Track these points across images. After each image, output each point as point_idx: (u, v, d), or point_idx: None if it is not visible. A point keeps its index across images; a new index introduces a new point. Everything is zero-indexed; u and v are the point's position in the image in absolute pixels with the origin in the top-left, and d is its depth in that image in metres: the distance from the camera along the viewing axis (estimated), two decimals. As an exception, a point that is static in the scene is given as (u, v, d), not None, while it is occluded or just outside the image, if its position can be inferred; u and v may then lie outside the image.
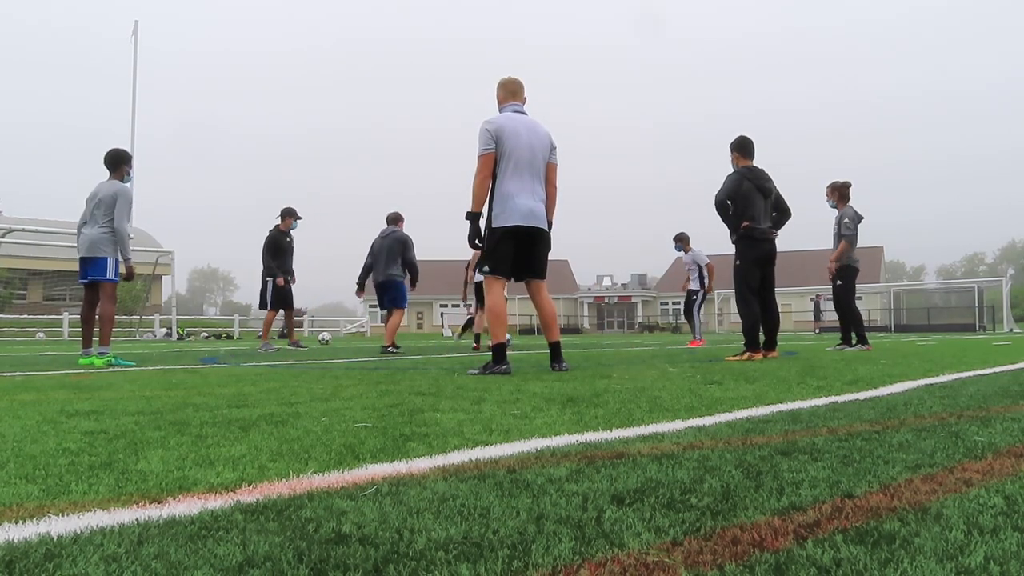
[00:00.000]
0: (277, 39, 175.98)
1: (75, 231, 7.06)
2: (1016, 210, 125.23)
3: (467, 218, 4.99)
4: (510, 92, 5.18)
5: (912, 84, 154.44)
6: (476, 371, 4.88)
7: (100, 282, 6.80)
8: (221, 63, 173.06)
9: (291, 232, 10.96)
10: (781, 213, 6.97)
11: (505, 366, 4.80)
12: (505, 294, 5.28)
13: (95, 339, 6.93)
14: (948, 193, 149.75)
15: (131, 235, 6.93)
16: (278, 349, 10.67)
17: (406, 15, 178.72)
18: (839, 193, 9.02)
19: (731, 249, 6.87)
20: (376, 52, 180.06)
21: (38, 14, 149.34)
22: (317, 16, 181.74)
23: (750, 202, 6.59)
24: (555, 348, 5.26)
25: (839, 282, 8.96)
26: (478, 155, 4.92)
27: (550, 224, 5.17)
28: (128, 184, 7.02)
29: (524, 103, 5.20)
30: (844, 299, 8.97)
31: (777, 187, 6.92)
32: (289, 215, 10.84)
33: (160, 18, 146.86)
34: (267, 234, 10.85)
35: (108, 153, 6.88)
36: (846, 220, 8.84)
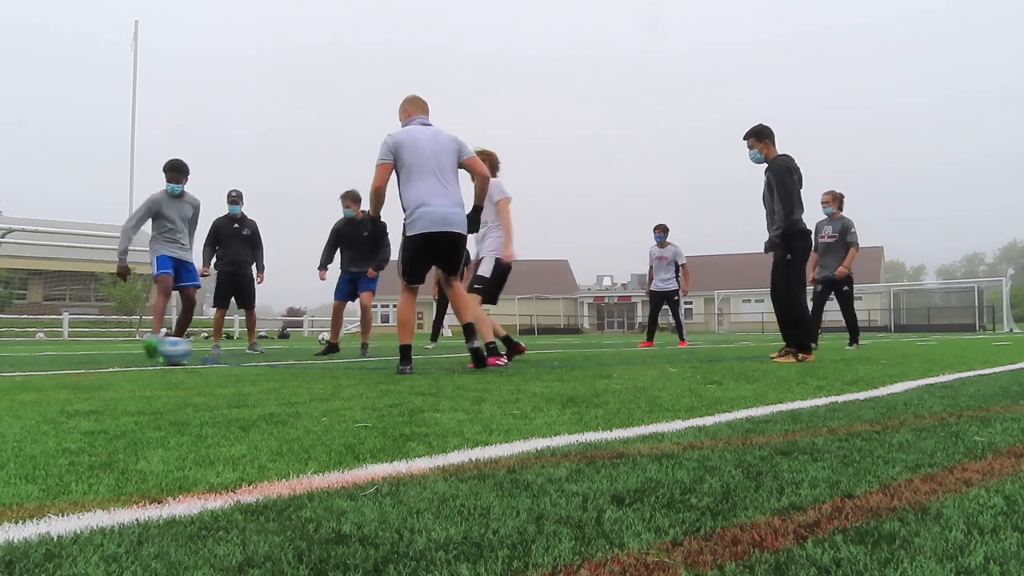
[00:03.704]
0: (276, 37, 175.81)
1: (74, 232, 7.54)
2: (1016, 210, 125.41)
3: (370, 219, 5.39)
4: (418, 107, 5.35)
5: (911, 85, 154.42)
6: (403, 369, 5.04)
7: None
8: (219, 62, 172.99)
9: (240, 216, 9.07)
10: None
11: (408, 366, 5.03)
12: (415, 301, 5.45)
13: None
14: (948, 193, 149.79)
15: (125, 234, 7.53)
16: (262, 351, 9.54)
17: (405, 16, 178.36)
18: (840, 202, 9.33)
19: (727, 250, 6.88)
20: (376, 51, 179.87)
21: (38, 15, 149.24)
22: (316, 15, 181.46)
23: (797, 193, 6.11)
24: (467, 328, 5.47)
25: (845, 288, 9.29)
26: (376, 164, 5.13)
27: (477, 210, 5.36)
28: (168, 191, 7.54)
29: (428, 116, 5.34)
30: (850, 304, 9.36)
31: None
32: (227, 199, 9.11)
33: (159, 17, 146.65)
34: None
35: None
36: (854, 229, 9.23)
